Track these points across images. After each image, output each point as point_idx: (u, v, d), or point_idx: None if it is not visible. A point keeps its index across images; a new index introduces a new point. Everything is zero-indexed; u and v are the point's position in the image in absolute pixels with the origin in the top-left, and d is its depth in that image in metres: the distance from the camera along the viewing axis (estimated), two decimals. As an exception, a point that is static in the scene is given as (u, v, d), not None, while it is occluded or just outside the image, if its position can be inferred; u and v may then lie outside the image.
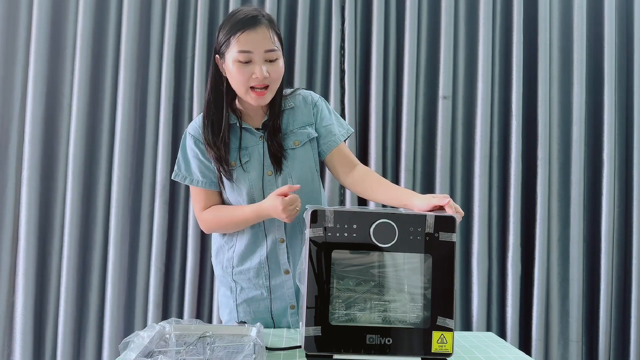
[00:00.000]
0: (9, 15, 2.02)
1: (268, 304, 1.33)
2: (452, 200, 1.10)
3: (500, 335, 2.06)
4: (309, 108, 1.36)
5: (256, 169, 1.30)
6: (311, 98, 1.38)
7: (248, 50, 1.19)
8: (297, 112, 1.35)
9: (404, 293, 1.03)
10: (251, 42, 1.19)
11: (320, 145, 1.36)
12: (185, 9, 2.09)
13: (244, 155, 1.30)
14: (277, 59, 1.23)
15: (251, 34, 1.19)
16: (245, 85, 1.22)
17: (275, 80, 1.24)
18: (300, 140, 1.32)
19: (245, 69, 1.20)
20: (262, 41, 1.20)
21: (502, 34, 2.17)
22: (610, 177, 2.11)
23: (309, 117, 1.35)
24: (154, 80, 2.05)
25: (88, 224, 2.04)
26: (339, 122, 1.39)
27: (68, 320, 1.98)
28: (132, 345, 0.97)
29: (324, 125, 1.36)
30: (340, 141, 1.36)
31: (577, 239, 2.09)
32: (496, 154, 2.13)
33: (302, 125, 1.34)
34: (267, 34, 1.20)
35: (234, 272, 1.35)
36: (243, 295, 1.35)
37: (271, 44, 1.21)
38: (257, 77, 1.20)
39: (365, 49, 2.13)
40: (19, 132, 2.02)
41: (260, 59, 1.20)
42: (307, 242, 1.00)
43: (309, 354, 0.98)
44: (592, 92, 2.19)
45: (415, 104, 2.10)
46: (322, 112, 1.37)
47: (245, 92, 1.23)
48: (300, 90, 1.40)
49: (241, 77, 1.21)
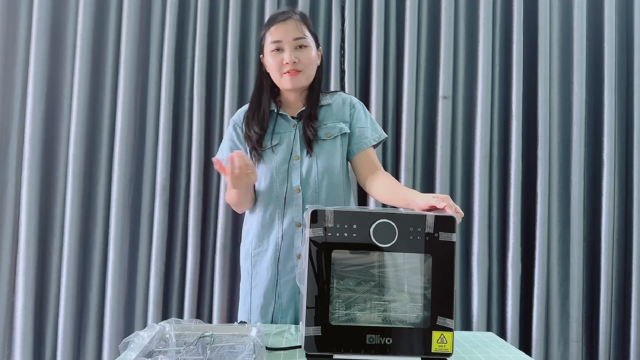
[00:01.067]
0: (9, 15, 2.02)
1: (278, 288, 1.38)
2: (451, 200, 1.10)
3: (500, 335, 2.06)
4: (347, 108, 1.46)
5: (284, 152, 1.40)
6: (350, 100, 1.48)
7: (278, 40, 1.36)
8: (335, 109, 1.45)
9: (404, 293, 1.03)
10: (281, 33, 1.35)
11: (350, 145, 1.44)
12: (185, 9, 2.09)
13: (275, 139, 1.41)
14: (307, 46, 1.37)
15: (281, 26, 1.36)
16: (279, 71, 1.37)
17: (306, 65, 1.38)
18: (332, 134, 1.41)
19: (277, 56, 1.37)
20: (291, 31, 1.35)
21: (502, 34, 2.17)
22: (610, 177, 2.11)
23: (344, 116, 1.45)
24: (154, 80, 2.05)
25: (88, 224, 2.04)
26: (374, 127, 1.47)
27: (68, 320, 1.98)
28: (132, 345, 0.97)
29: (358, 127, 1.44)
30: (370, 144, 1.44)
31: (577, 239, 2.09)
32: (496, 154, 2.13)
33: (337, 121, 1.43)
34: (295, 25, 1.36)
35: (252, 255, 1.43)
36: (257, 279, 1.41)
37: (299, 32, 1.36)
38: (287, 62, 1.35)
39: (365, 49, 2.13)
40: (19, 132, 2.02)
41: (289, 47, 1.35)
42: (307, 242, 1.00)
43: (309, 354, 0.98)
44: (592, 92, 2.19)
45: (415, 104, 2.10)
46: (359, 114, 1.46)
47: (280, 77, 1.39)
48: (341, 92, 1.52)
49: (274, 64, 1.37)
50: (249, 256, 1.44)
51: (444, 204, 1.05)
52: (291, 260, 1.37)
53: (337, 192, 1.41)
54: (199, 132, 2.02)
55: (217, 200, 2.05)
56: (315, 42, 1.41)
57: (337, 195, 1.41)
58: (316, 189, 1.38)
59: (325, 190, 1.38)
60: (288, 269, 1.38)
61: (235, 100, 2.04)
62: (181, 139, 2.07)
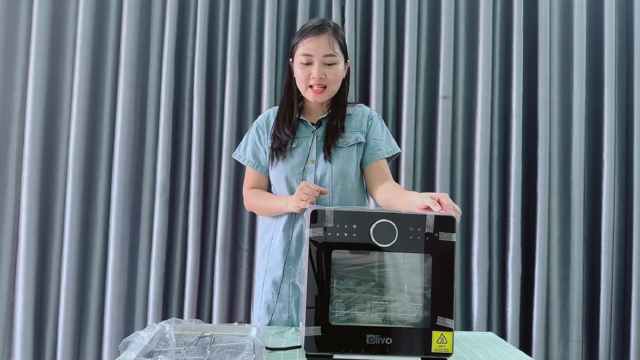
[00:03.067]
0: (9, 15, 2.02)
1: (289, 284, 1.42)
2: (449, 198, 1.09)
3: (500, 335, 2.06)
4: (365, 119, 1.50)
5: (300, 156, 1.44)
6: (370, 112, 1.53)
7: (309, 53, 1.38)
8: (354, 119, 1.49)
9: (404, 293, 1.03)
10: (313, 47, 1.37)
11: (364, 155, 1.47)
12: (185, 9, 2.09)
13: (294, 141, 1.45)
14: (335, 63, 1.40)
15: (313, 40, 1.37)
16: (305, 83, 1.41)
17: (332, 82, 1.41)
18: (348, 142, 1.45)
19: (305, 69, 1.39)
20: (323, 46, 1.38)
21: (502, 34, 2.17)
22: (610, 177, 2.11)
23: (361, 126, 1.48)
24: (154, 80, 2.05)
25: (88, 224, 2.04)
26: (388, 141, 1.51)
27: (68, 320, 1.98)
28: (132, 345, 0.97)
29: (373, 138, 1.48)
30: (383, 156, 1.47)
31: (577, 239, 2.09)
32: (496, 154, 2.13)
33: (355, 130, 1.47)
34: (328, 41, 1.38)
35: (270, 251, 1.47)
36: (269, 275, 1.45)
37: (330, 49, 1.38)
38: (314, 77, 1.38)
39: (365, 49, 2.13)
40: (19, 132, 2.02)
41: (319, 62, 1.38)
42: (307, 242, 1.00)
43: (309, 354, 0.98)
44: (592, 92, 2.19)
45: (415, 104, 2.10)
46: (375, 126, 1.50)
47: (305, 89, 1.42)
48: (362, 105, 1.56)
49: (302, 76, 1.40)
50: (266, 253, 1.49)
51: (438, 209, 1.05)
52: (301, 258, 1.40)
53: (351, 197, 1.44)
54: (199, 132, 2.02)
55: (217, 200, 2.05)
56: (344, 56, 1.44)
57: (351, 202, 1.44)
58: (330, 193, 1.41)
59: (339, 195, 1.42)
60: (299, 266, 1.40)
61: (235, 100, 2.04)
62: (181, 139, 2.07)
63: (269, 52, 2.05)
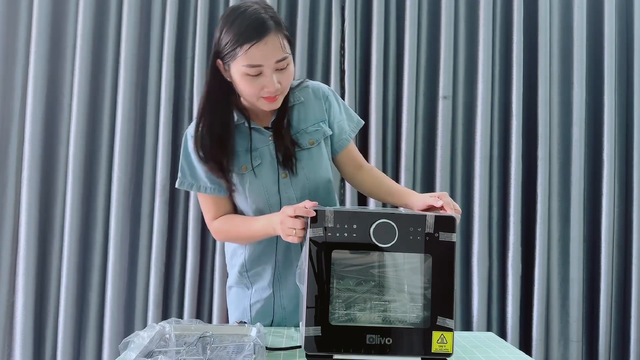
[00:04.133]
0: (9, 15, 2.02)
1: (280, 302, 1.32)
2: (449, 197, 1.10)
3: (500, 335, 2.06)
4: (320, 103, 1.29)
5: (269, 173, 1.22)
6: (322, 91, 1.30)
7: (258, 64, 1.09)
8: (309, 107, 1.27)
9: (404, 293, 1.03)
10: (261, 56, 1.08)
11: (332, 144, 1.31)
12: (185, 9, 2.09)
13: (255, 158, 1.22)
14: (288, 64, 1.14)
15: (260, 46, 1.08)
16: (256, 96, 1.14)
17: (286, 86, 1.17)
18: (316, 140, 1.25)
19: (256, 81, 1.11)
20: (273, 52, 1.09)
21: (502, 34, 2.17)
22: (610, 177, 2.11)
23: (321, 113, 1.28)
24: (154, 80, 2.05)
25: (88, 224, 2.04)
26: (349, 116, 1.34)
27: (68, 320, 1.98)
28: (132, 345, 0.97)
29: (336, 122, 1.30)
30: (352, 138, 1.33)
31: (577, 239, 2.09)
32: (496, 154, 2.13)
33: (316, 122, 1.27)
34: (277, 42, 1.09)
35: (249, 275, 1.32)
36: (257, 295, 1.33)
37: (282, 52, 1.11)
38: (270, 90, 1.12)
39: (365, 49, 2.13)
40: (19, 132, 2.01)
41: (271, 70, 1.11)
42: (307, 242, 1.00)
43: (309, 354, 0.98)
44: (592, 92, 2.19)
45: (415, 104, 2.10)
46: (333, 107, 1.30)
47: (256, 100, 1.16)
48: (308, 82, 1.31)
49: (252, 89, 1.12)
50: (244, 276, 1.33)
51: (440, 203, 1.05)
52: (291, 276, 1.29)
53: (332, 198, 1.33)
54: (199, 132, 2.02)
55: (217, 200, 2.05)
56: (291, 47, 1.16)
57: (332, 202, 1.33)
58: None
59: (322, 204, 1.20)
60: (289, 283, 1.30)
61: (235, 100, 2.04)
62: (181, 139, 2.06)
63: (269, 52, 2.04)
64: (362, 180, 1.35)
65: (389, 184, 1.32)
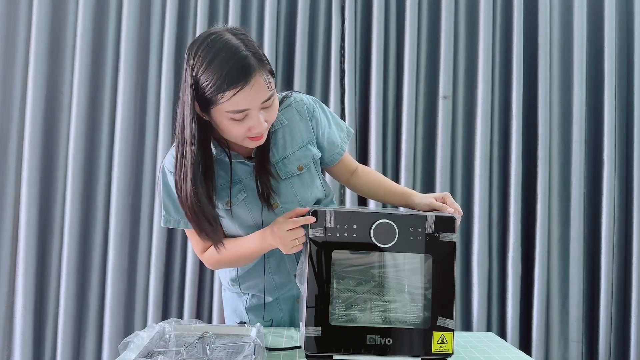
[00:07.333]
0: (9, 15, 2.02)
1: (277, 305, 1.31)
2: (451, 197, 1.10)
3: (500, 335, 2.06)
4: (306, 122, 1.20)
5: (258, 204, 1.16)
6: (306, 110, 1.21)
7: (244, 109, 1.00)
8: (294, 129, 1.19)
9: (404, 293, 1.03)
10: (247, 101, 0.99)
11: (324, 159, 1.27)
12: (185, 9, 2.09)
13: (240, 192, 1.16)
14: (274, 100, 1.06)
15: (246, 91, 0.98)
16: (242, 137, 1.05)
17: (272, 121, 1.09)
18: (305, 165, 1.19)
19: (241, 125, 1.02)
20: (259, 94, 1.00)
21: (502, 34, 2.16)
22: (610, 177, 2.11)
23: (308, 134, 1.20)
24: (154, 80, 2.05)
25: (88, 224, 2.04)
26: (338, 126, 1.29)
27: (68, 320, 1.98)
28: (132, 346, 0.97)
29: (326, 137, 1.24)
30: (344, 150, 1.28)
31: (577, 239, 2.09)
32: (496, 154, 2.13)
33: (303, 145, 1.20)
34: (261, 82, 1.00)
35: (242, 288, 1.31)
36: (254, 300, 1.31)
37: (267, 91, 1.01)
38: (258, 130, 1.03)
39: (365, 49, 2.13)
40: (19, 132, 2.01)
41: (257, 111, 1.02)
42: (308, 242, 1.00)
43: (309, 354, 0.98)
44: (592, 92, 2.19)
45: (415, 104, 2.10)
46: (322, 124, 1.23)
47: (241, 141, 1.07)
48: (291, 99, 1.21)
49: (237, 132, 1.03)
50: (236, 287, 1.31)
51: (451, 210, 1.05)
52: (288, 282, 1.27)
53: None
54: (199, 132, 2.02)
55: (217, 200, 2.05)
56: (273, 79, 1.06)
57: None
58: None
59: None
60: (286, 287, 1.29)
61: (235, 100, 2.04)
62: (181, 139, 2.06)
63: (268, 52, 2.04)
64: (358, 184, 1.34)
65: (388, 185, 1.31)
